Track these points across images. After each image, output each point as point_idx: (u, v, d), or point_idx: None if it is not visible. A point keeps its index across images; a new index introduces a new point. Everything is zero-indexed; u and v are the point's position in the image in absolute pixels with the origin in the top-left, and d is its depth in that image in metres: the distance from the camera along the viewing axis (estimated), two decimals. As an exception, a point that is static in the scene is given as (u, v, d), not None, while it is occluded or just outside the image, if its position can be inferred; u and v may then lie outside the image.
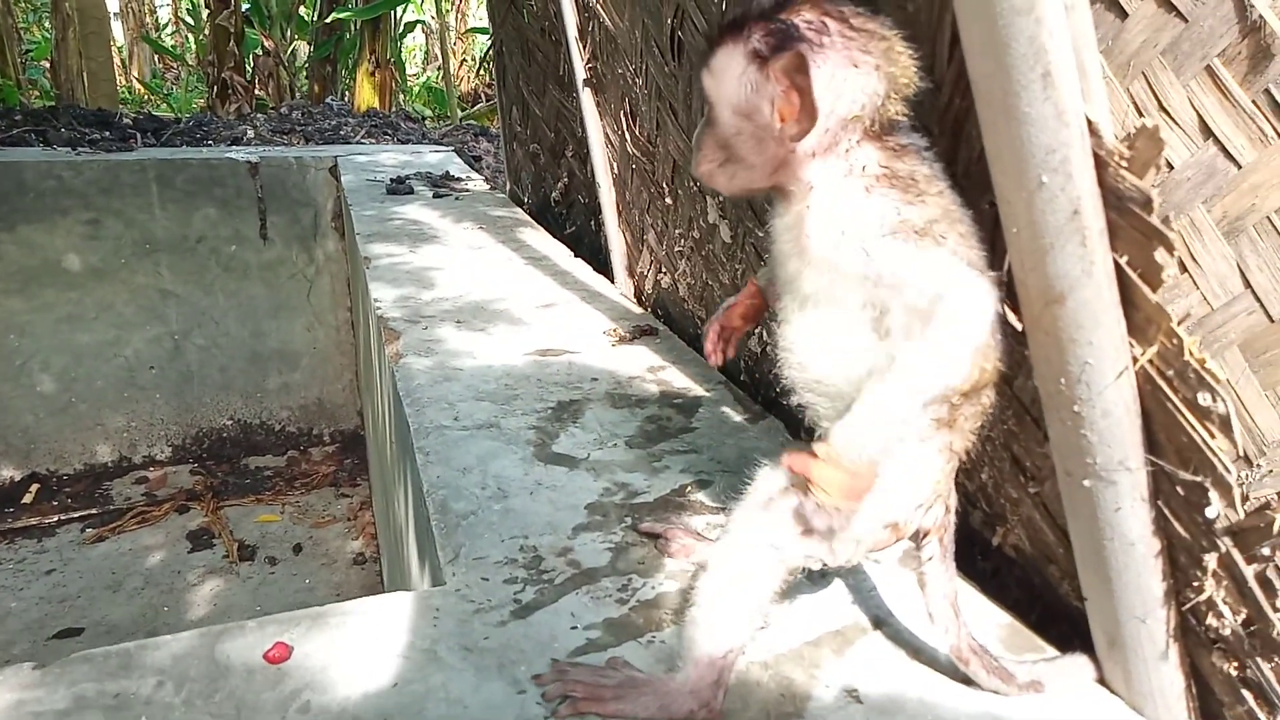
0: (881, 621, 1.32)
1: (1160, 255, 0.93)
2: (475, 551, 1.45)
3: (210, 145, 5.73)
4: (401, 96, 11.75)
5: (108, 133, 5.64)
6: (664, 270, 2.71)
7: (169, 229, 4.72)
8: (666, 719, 1.07)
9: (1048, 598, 1.38)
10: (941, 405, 1.02)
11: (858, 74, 0.99)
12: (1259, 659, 1.01)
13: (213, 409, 5.04)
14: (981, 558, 1.52)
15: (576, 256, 3.41)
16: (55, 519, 4.45)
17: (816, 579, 1.39)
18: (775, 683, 1.17)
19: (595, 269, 3.23)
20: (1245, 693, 1.04)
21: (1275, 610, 0.98)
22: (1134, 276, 0.97)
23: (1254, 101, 1.04)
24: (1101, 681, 1.18)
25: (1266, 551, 0.96)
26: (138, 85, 13.79)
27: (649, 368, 2.32)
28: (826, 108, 0.99)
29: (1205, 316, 1.10)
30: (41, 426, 4.71)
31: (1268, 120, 1.03)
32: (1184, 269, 1.09)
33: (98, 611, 3.73)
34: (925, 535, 1.13)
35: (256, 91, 9.93)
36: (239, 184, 4.80)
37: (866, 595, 1.38)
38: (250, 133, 6.24)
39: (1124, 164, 0.93)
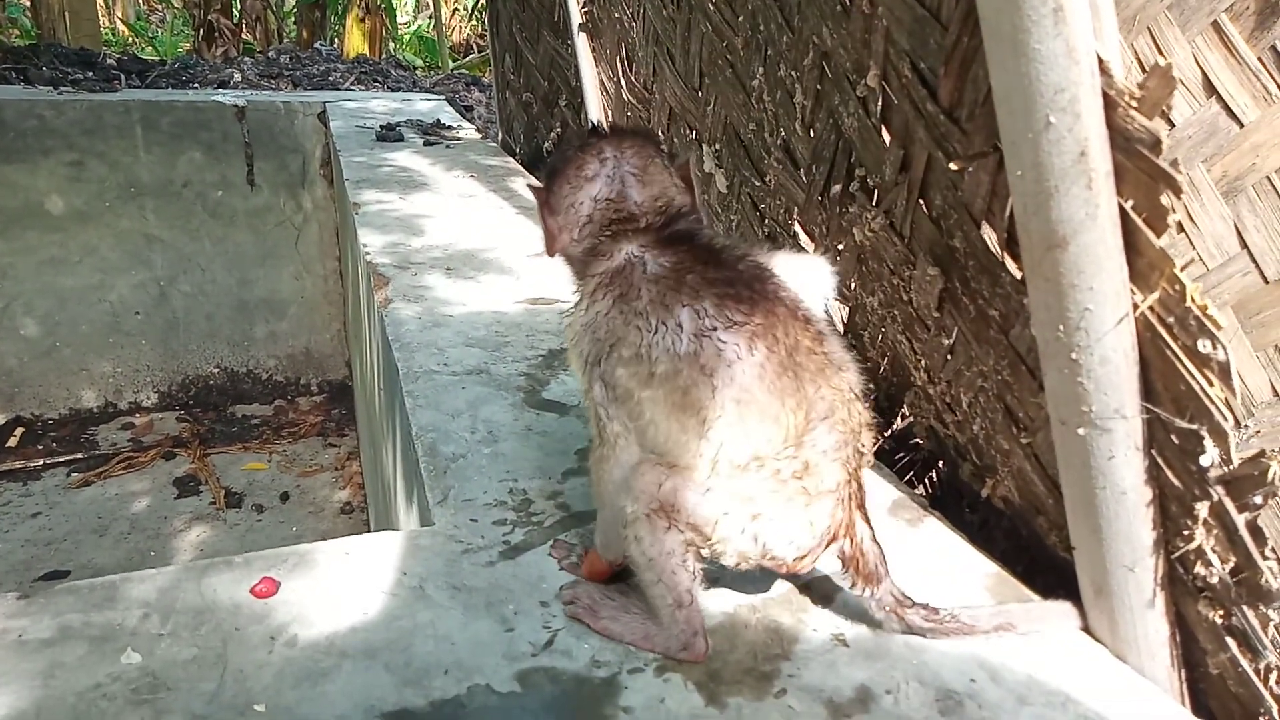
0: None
1: (1167, 199, 0.92)
2: (464, 494, 1.45)
3: (196, 89, 5.60)
4: (392, 44, 11.54)
5: (90, 73, 5.49)
6: (657, 221, 2.68)
7: (154, 172, 4.64)
8: (649, 648, 1.11)
9: (1035, 549, 1.38)
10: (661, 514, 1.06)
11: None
12: (1245, 607, 1.02)
13: (199, 356, 5.00)
14: (970, 510, 1.53)
15: (569, 207, 3.37)
16: (40, 463, 4.43)
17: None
18: (763, 626, 1.17)
19: (588, 220, 3.19)
20: (1229, 640, 1.05)
21: (1265, 558, 0.98)
22: (1139, 221, 0.96)
23: (1260, 59, 1.02)
24: (1086, 629, 1.19)
25: (1259, 500, 0.96)
26: (121, 26, 13.48)
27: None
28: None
29: (1201, 276, 1.09)
30: (25, 370, 4.66)
31: (1272, 78, 1.02)
32: (1181, 228, 1.08)
33: (84, 555, 3.73)
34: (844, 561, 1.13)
35: (244, 35, 9.73)
36: (225, 128, 4.71)
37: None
38: (237, 76, 6.11)
39: (1134, 104, 0.91)
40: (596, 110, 2.96)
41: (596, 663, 1.09)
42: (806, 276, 1.16)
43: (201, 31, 9.08)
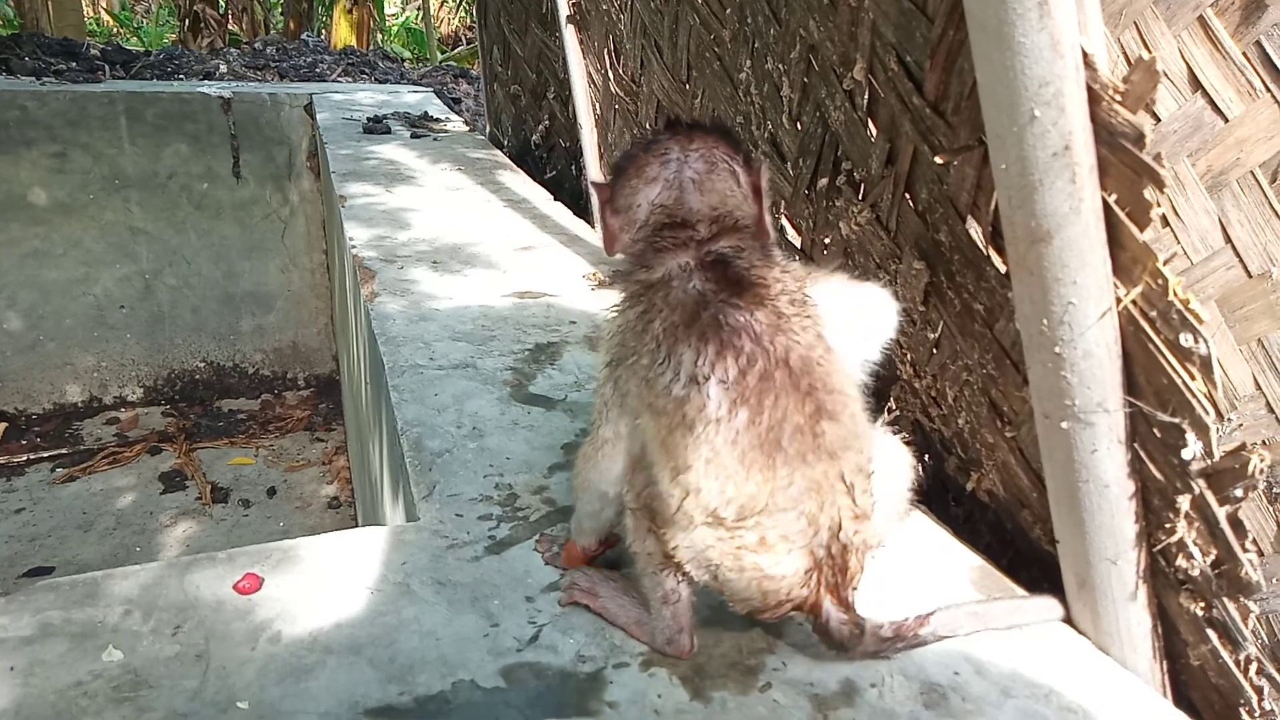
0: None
1: (1150, 193, 0.92)
2: (450, 489, 1.44)
3: (181, 80, 5.56)
4: (380, 36, 11.47)
5: (74, 64, 5.45)
6: (645, 214, 2.68)
7: (139, 164, 4.60)
8: (639, 636, 1.13)
9: (1019, 543, 1.39)
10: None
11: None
12: (1225, 599, 1.03)
13: (185, 350, 4.97)
14: (955, 504, 1.53)
15: (556, 200, 3.36)
16: (24, 458, 4.40)
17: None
18: (749, 620, 1.17)
19: (575, 213, 3.19)
20: (1210, 632, 1.06)
21: (1245, 551, 0.98)
22: (1122, 215, 0.96)
23: (1244, 53, 1.02)
24: (1069, 622, 1.20)
25: (1239, 493, 0.97)
26: (105, 16, 13.35)
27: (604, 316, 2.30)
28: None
29: (1185, 270, 1.09)
30: (9, 364, 4.63)
31: (1257, 73, 1.02)
32: (1166, 223, 1.08)
33: (68, 551, 3.71)
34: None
35: (230, 26, 9.65)
36: (211, 120, 4.68)
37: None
38: (223, 68, 6.07)
39: (1118, 98, 0.91)
40: (584, 103, 2.95)
41: (582, 658, 1.09)
42: (862, 315, 1.11)
43: (187, 22, 9.01)
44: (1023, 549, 1.38)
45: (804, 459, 0.98)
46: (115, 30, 13.21)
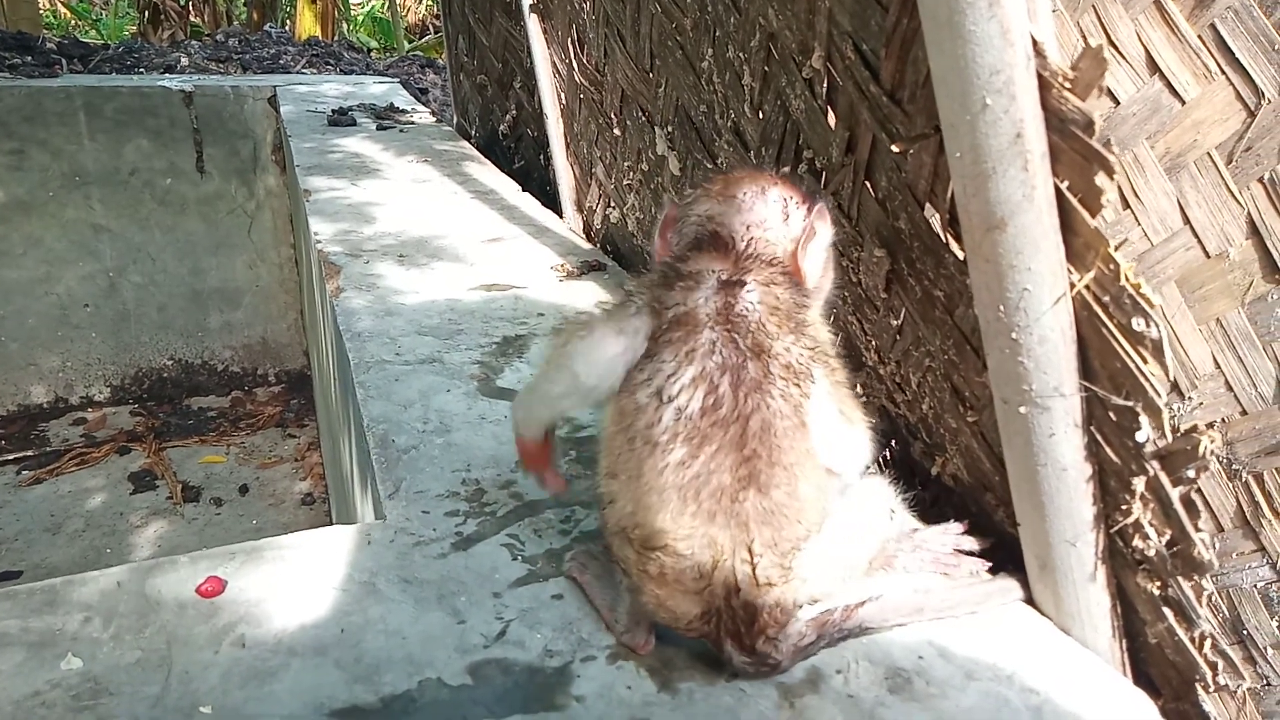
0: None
1: (1100, 179, 0.93)
2: (416, 485, 1.44)
3: (141, 73, 5.46)
4: (345, 26, 11.32)
5: (29, 58, 5.32)
6: (613, 204, 2.67)
7: (99, 160, 4.52)
8: (608, 620, 1.13)
9: (984, 526, 1.40)
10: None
11: None
12: (1180, 577, 1.04)
13: (152, 348, 4.90)
14: (921, 487, 1.54)
15: (524, 191, 3.34)
16: (-11, 461, 4.33)
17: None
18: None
19: (543, 204, 3.17)
20: (1166, 610, 1.08)
21: (1197, 530, 1.00)
22: (1074, 201, 0.96)
23: (1200, 36, 1.03)
24: (1032, 603, 1.21)
25: (1191, 474, 0.98)
26: (62, 9, 13.07)
27: (597, 303, 2.29)
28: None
29: (1145, 252, 1.10)
30: (-30, 367, 4.55)
31: (1212, 55, 1.03)
32: (1126, 205, 1.10)
33: (36, 554, 3.66)
34: None
35: (191, 17, 9.49)
36: (173, 114, 4.60)
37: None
38: (184, 60, 5.96)
39: (1067, 85, 0.92)
40: (549, 93, 2.93)
41: (549, 652, 1.09)
42: (837, 445, 1.06)
43: (147, 14, 8.84)
44: (988, 531, 1.40)
45: (713, 519, 0.97)
46: (72, 23, 12.94)
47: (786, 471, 0.99)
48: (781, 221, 1.12)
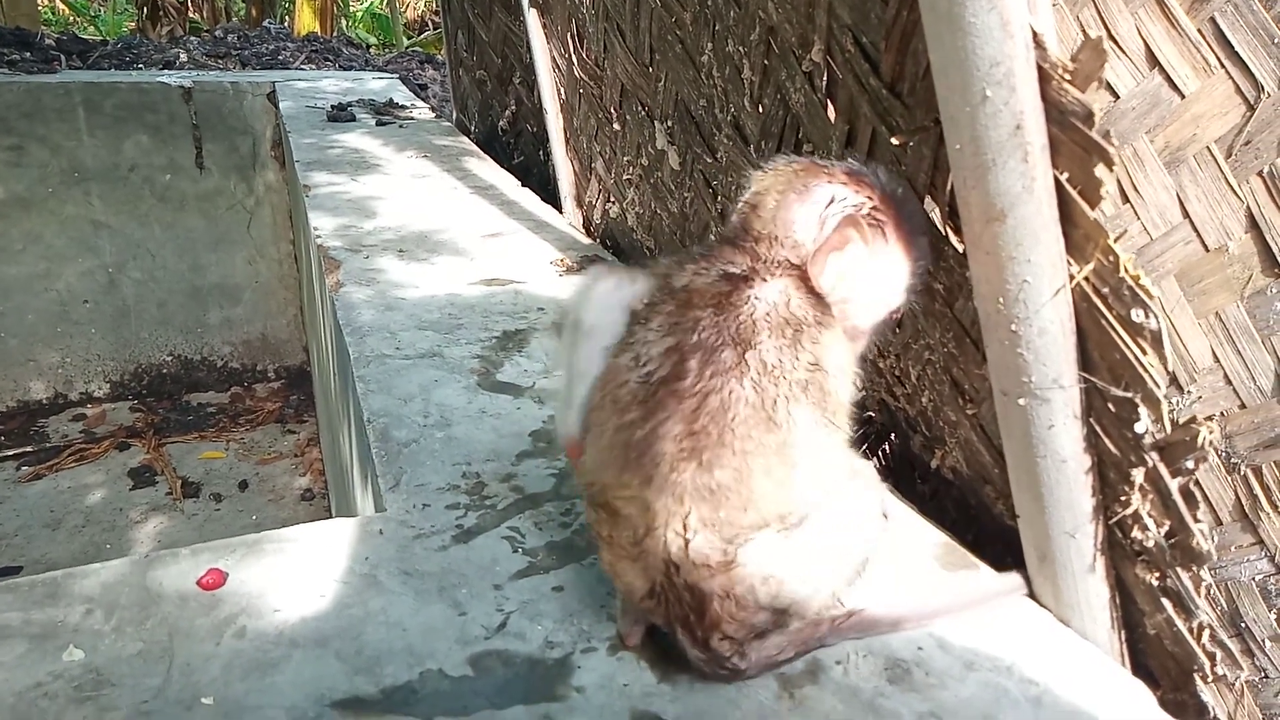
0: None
1: (1100, 171, 0.93)
2: (417, 479, 1.44)
3: (140, 69, 5.45)
4: (344, 22, 11.31)
5: (28, 54, 5.31)
6: (612, 199, 2.67)
7: (99, 157, 4.52)
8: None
9: (984, 519, 1.41)
10: None
11: None
12: (1179, 569, 1.05)
13: (151, 344, 4.91)
14: (921, 481, 1.55)
15: (524, 186, 3.34)
16: (-11, 457, 4.33)
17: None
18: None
19: (543, 199, 3.17)
20: (1165, 601, 1.08)
21: (1196, 521, 1.00)
22: (1073, 193, 0.97)
23: (1199, 30, 1.03)
24: (1031, 595, 1.22)
25: (1190, 465, 0.99)
26: (61, 5, 13.05)
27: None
28: None
29: (1145, 246, 1.10)
30: (-30, 363, 4.55)
31: (1211, 49, 1.03)
32: (1126, 199, 1.10)
33: (36, 550, 3.66)
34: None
35: (190, 13, 9.48)
36: (172, 110, 4.60)
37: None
38: (183, 56, 5.95)
39: (1067, 77, 0.92)
40: (549, 88, 2.93)
41: (550, 644, 1.10)
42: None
43: (145, 10, 8.82)
44: (987, 524, 1.40)
45: (649, 483, 0.97)
46: (71, 19, 12.92)
47: (736, 456, 0.95)
48: (816, 224, 1.04)
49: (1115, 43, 1.07)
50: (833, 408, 1.01)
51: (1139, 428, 1.00)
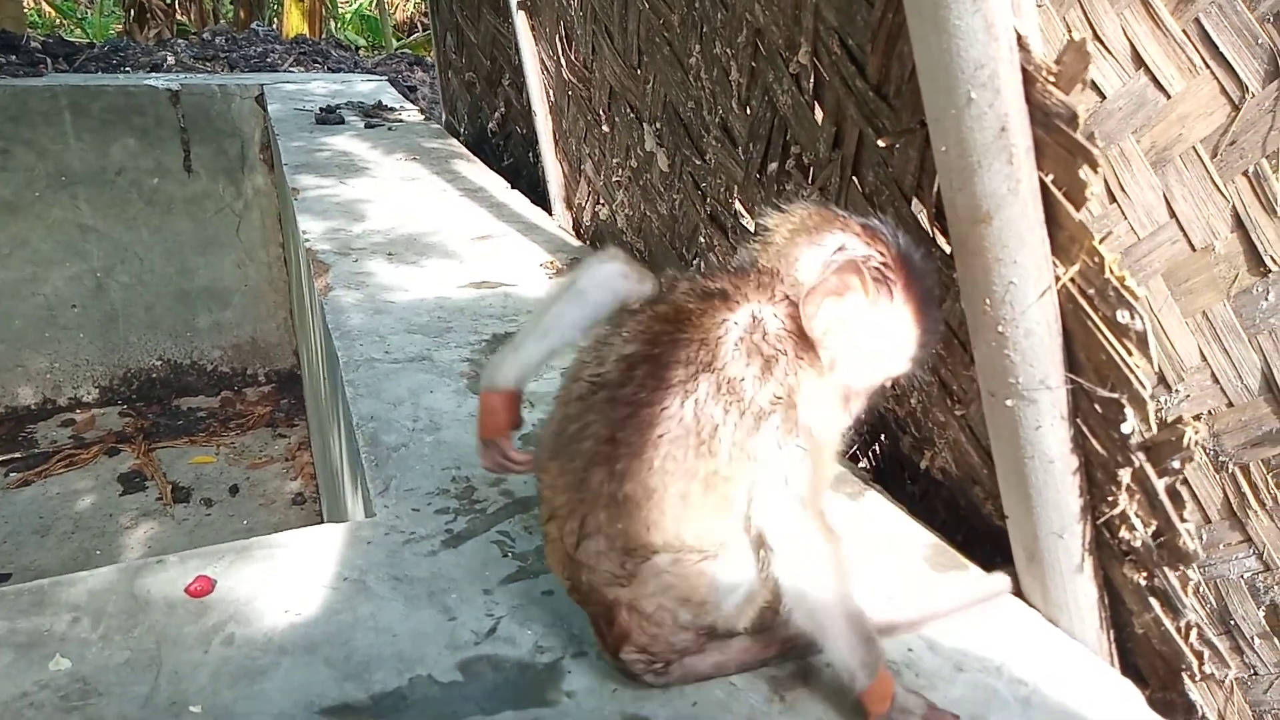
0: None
1: (1084, 172, 0.93)
2: (406, 483, 1.43)
3: (127, 72, 5.43)
4: (333, 24, 11.28)
5: (14, 57, 5.29)
6: (602, 201, 2.67)
7: (85, 160, 4.49)
8: None
9: (973, 519, 1.41)
10: None
11: None
12: (1166, 568, 1.05)
13: (140, 349, 4.88)
14: (910, 482, 1.55)
15: (514, 189, 3.34)
16: (-24, 464, 4.30)
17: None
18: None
19: (533, 201, 3.17)
20: (1152, 600, 1.08)
21: (1183, 520, 1.01)
22: (1058, 195, 0.97)
23: (1184, 30, 1.04)
24: (1020, 595, 1.22)
25: (1176, 464, 0.99)
26: (47, 7, 12.98)
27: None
28: None
29: (1132, 246, 1.11)
30: (-43, 369, 4.52)
31: (1196, 49, 1.03)
32: (1113, 199, 1.10)
33: (25, 557, 3.64)
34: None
35: (177, 16, 9.43)
36: (159, 113, 4.57)
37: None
38: (170, 59, 5.93)
39: (1051, 79, 0.92)
40: (538, 90, 2.92)
41: (540, 648, 1.09)
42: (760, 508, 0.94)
43: (133, 12, 8.78)
44: (976, 525, 1.40)
45: (562, 475, 0.99)
46: (57, 21, 12.84)
47: (652, 473, 0.92)
48: (819, 267, 0.98)
49: (1101, 43, 1.07)
50: (805, 449, 0.93)
51: (1125, 428, 1.00)
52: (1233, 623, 1.13)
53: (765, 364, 0.94)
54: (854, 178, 1.42)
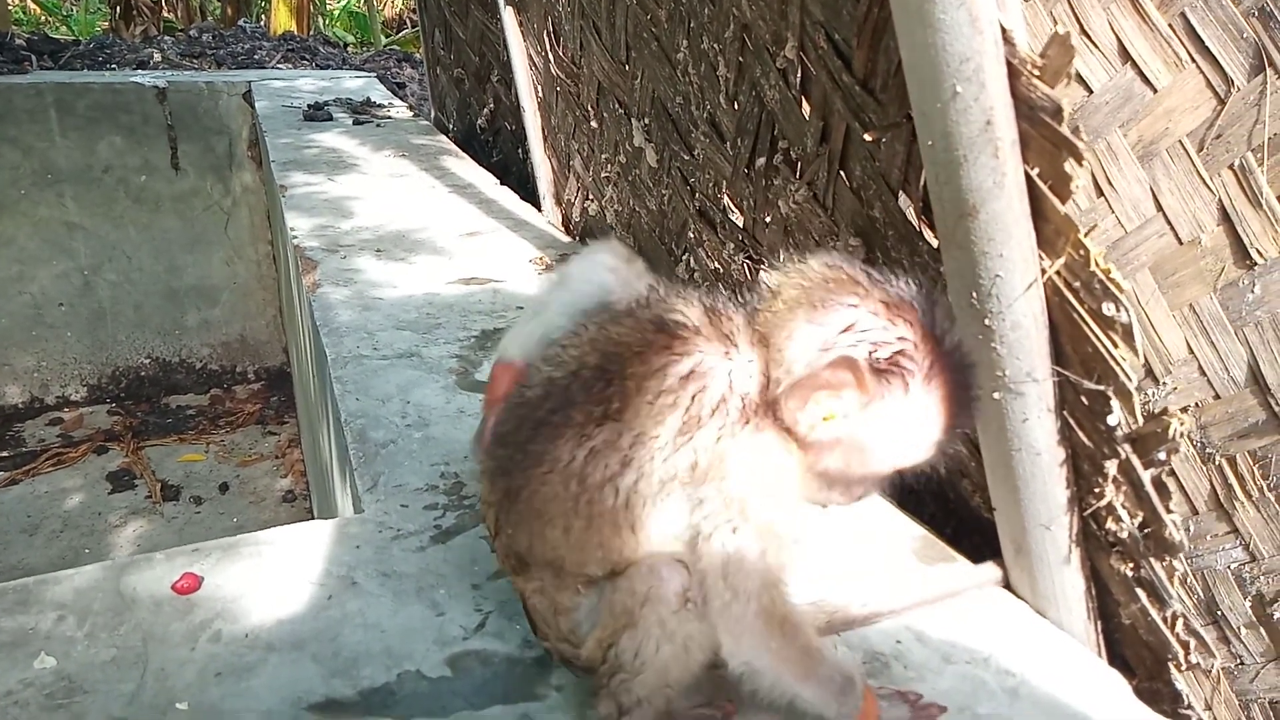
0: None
1: (1069, 165, 0.93)
2: (395, 479, 1.43)
3: (114, 69, 5.39)
4: (320, 20, 11.23)
5: (-1, 54, 5.26)
6: (591, 197, 2.67)
7: (71, 158, 4.46)
8: None
9: (961, 511, 1.42)
10: None
11: None
12: (1152, 559, 1.06)
13: (128, 347, 4.85)
14: (898, 474, 1.55)
15: (503, 184, 3.33)
16: (-37, 463, 4.27)
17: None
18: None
19: (522, 197, 3.16)
20: (1139, 591, 1.09)
21: (1169, 512, 1.01)
22: (1044, 188, 0.97)
23: (1170, 24, 1.04)
24: (1008, 587, 1.22)
25: (1162, 456, 0.99)
26: (32, 4, 12.89)
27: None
28: None
29: (1119, 239, 1.11)
30: (-57, 368, 4.49)
31: (1183, 44, 1.04)
32: (1100, 193, 1.10)
33: (14, 556, 3.62)
34: None
35: (164, 13, 9.38)
36: (146, 110, 4.55)
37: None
38: (157, 56, 5.89)
39: (1036, 72, 0.93)
40: (526, 86, 2.92)
41: (528, 643, 1.09)
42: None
43: (118, 9, 8.71)
44: (965, 517, 1.41)
45: (494, 477, 0.97)
46: (43, 18, 12.75)
47: (538, 495, 0.89)
48: (816, 350, 0.85)
49: (1088, 37, 1.08)
50: (755, 517, 0.84)
51: (1111, 420, 1.00)
52: (1219, 613, 1.13)
53: (687, 424, 0.84)
54: (841, 172, 1.42)
